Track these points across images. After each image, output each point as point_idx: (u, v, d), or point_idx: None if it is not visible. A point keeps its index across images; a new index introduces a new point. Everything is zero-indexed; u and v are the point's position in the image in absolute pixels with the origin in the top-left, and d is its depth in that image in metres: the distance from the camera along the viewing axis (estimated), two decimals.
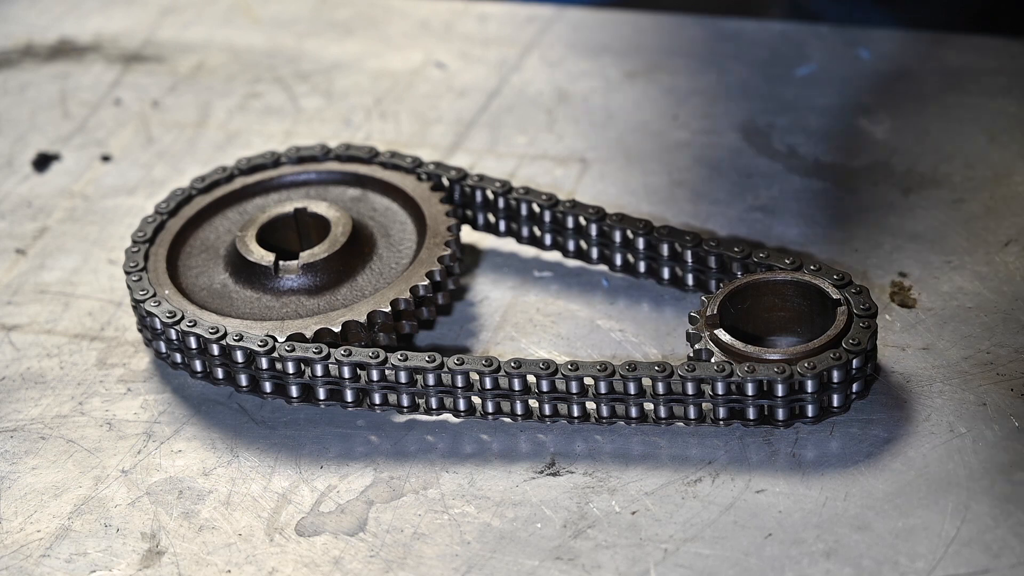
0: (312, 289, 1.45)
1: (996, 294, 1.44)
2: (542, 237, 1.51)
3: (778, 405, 1.32)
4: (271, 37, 1.65)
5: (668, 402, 1.34)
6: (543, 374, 1.34)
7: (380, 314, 1.41)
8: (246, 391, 1.40)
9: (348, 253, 1.47)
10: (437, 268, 1.44)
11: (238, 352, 1.39)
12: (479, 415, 1.37)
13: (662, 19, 1.88)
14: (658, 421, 1.35)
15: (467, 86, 1.78)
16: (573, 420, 1.36)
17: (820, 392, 1.32)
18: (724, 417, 1.33)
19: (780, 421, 1.33)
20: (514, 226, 1.53)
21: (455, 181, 1.53)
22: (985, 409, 1.34)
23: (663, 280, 1.47)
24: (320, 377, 1.38)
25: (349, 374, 1.37)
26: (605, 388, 1.34)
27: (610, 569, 1.26)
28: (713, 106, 1.72)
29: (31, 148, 1.74)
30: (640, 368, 1.33)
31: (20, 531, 1.33)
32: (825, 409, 1.34)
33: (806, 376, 1.32)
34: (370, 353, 1.37)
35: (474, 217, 1.54)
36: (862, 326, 1.34)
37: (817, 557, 1.25)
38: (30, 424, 1.42)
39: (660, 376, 1.33)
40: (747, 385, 1.32)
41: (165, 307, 1.42)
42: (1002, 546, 1.24)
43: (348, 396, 1.38)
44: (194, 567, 1.29)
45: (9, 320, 1.52)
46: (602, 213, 1.48)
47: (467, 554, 1.28)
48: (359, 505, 1.32)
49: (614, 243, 1.48)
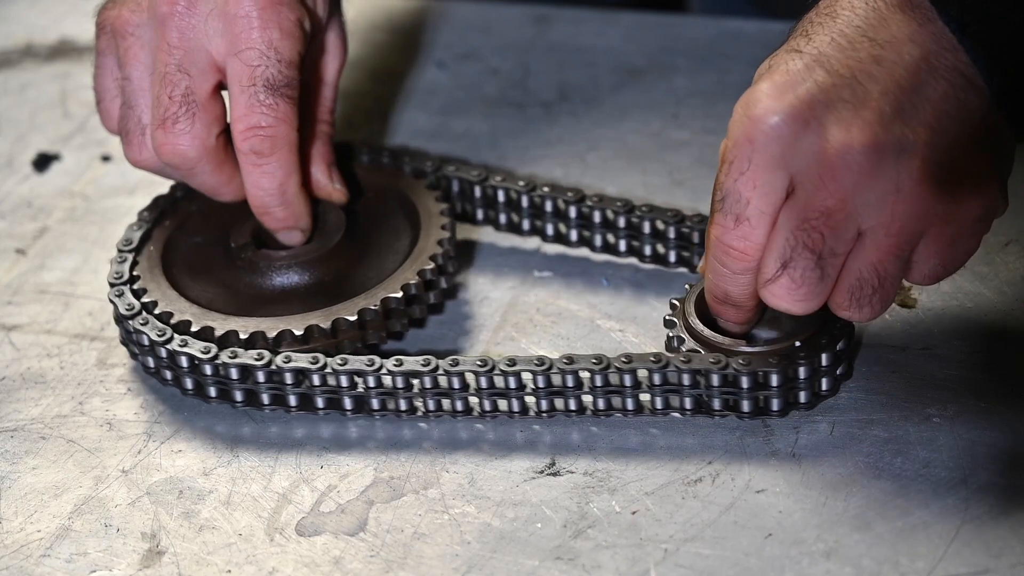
0: (307, 286, 1.45)
1: (996, 294, 1.44)
2: (568, 234, 1.52)
3: (742, 397, 1.34)
4: None
5: (607, 394, 1.35)
6: (539, 371, 1.34)
7: (370, 311, 1.41)
8: (192, 395, 1.42)
9: (341, 249, 1.47)
10: (429, 267, 1.44)
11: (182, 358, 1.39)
12: (476, 414, 1.37)
13: (662, 19, 1.88)
14: (597, 413, 1.36)
15: (467, 86, 1.78)
16: (570, 414, 1.36)
17: (756, 389, 1.33)
18: (690, 408, 1.35)
19: (745, 413, 1.34)
20: (538, 223, 1.53)
21: (478, 183, 1.53)
22: (985, 409, 1.34)
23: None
24: (263, 383, 1.39)
25: (292, 380, 1.38)
26: (600, 381, 1.34)
27: (610, 569, 1.26)
28: (713, 106, 1.72)
29: (31, 148, 1.74)
30: (578, 361, 1.34)
31: (20, 531, 1.33)
32: (791, 404, 1.34)
33: (741, 372, 1.32)
34: (367, 361, 1.37)
35: (496, 216, 1.54)
36: (835, 330, 1.34)
37: (817, 557, 1.25)
38: (30, 424, 1.42)
39: (597, 368, 1.33)
40: (683, 375, 1.33)
41: (128, 298, 1.43)
42: (1002, 546, 1.24)
43: (291, 401, 1.39)
44: (194, 567, 1.29)
45: (9, 320, 1.52)
46: (630, 205, 1.48)
47: (467, 554, 1.28)
48: (359, 505, 1.32)
49: (643, 234, 1.50)
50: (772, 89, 1.24)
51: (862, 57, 1.24)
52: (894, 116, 1.23)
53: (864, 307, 1.28)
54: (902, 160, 1.22)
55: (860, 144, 1.22)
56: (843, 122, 1.22)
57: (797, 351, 1.33)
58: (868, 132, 1.22)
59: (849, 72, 1.23)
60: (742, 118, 1.25)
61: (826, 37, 1.25)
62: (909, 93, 1.23)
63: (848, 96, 1.23)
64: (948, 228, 1.25)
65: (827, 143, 1.22)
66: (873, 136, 1.22)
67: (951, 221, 1.24)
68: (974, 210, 1.25)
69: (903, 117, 1.23)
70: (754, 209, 1.25)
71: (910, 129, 1.23)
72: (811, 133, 1.23)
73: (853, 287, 1.27)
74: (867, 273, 1.26)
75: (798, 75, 1.24)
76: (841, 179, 1.23)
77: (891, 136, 1.22)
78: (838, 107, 1.23)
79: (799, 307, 1.27)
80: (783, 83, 1.24)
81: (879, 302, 1.28)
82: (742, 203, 1.25)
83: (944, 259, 1.27)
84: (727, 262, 1.28)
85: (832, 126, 1.22)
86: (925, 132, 1.23)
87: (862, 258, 1.26)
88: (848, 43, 1.24)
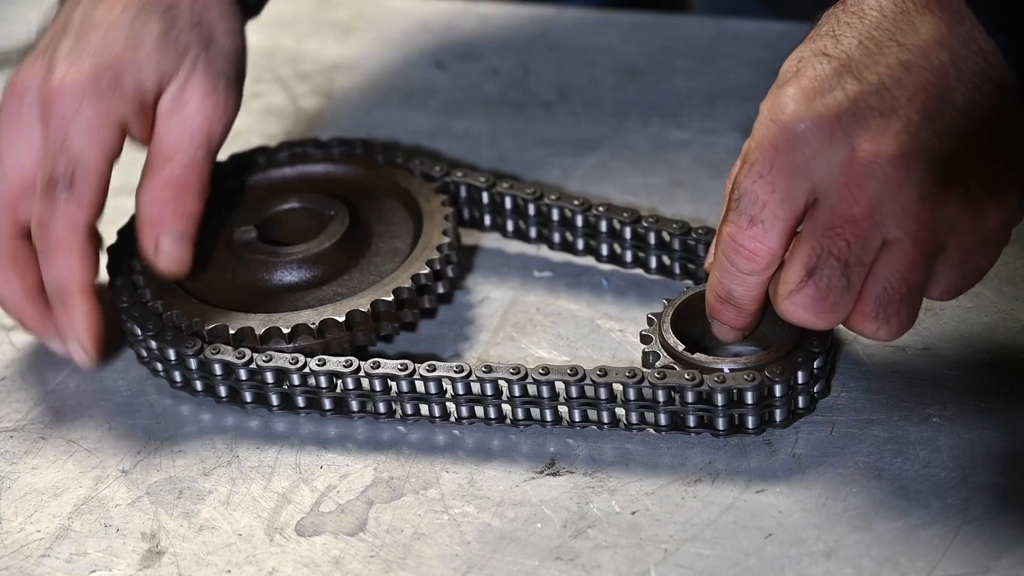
0: (307, 283, 1.45)
1: (996, 294, 1.44)
2: (598, 246, 1.50)
3: (717, 415, 1.33)
4: (271, 37, 1.66)
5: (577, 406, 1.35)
6: (513, 380, 1.34)
7: (359, 313, 1.41)
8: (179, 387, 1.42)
9: (342, 248, 1.47)
10: (424, 271, 1.44)
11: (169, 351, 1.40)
12: (481, 420, 1.37)
13: (662, 19, 1.88)
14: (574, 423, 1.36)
15: (467, 86, 1.78)
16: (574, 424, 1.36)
17: (730, 406, 1.32)
18: (665, 425, 1.34)
19: (720, 431, 1.34)
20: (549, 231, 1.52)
21: (487, 188, 1.53)
22: (985, 409, 1.34)
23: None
24: (245, 381, 1.39)
25: (273, 379, 1.38)
26: (576, 392, 1.34)
27: (610, 569, 1.26)
28: (713, 106, 1.72)
29: None
30: (553, 371, 1.34)
31: (20, 531, 1.33)
32: (765, 421, 1.34)
33: (716, 389, 1.31)
34: (344, 362, 1.37)
35: (503, 224, 1.54)
36: (812, 348, 1.33)
37: (817, 557, 1.25)
38: (30, 424, 1.42)
39: (571, 380, 1.33)
40: (658, 391, 1.32)
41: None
42: (1002, 546, 1.24)
43: (273, 400, 1.40)
44: (194, 567, 1.29)
45: (9, 320, 1.52)
46: (637, 215, 1.47)
47: (467, 554, 1.28)
48: (359, 505, 1.32)
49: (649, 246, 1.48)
50: (799, 95, 1.23)
51: (891, 63, 1.23)
52: (921, 124, 1.22)
53: (892, 318, 1.26)
54: (928, 168, 1.22)
55: (888, 154, 1.21)
56: (871, 132, 1.22)
57: (774, 368, 1.32)
58: (896, 142, 1.22)
59: (878, 79, 1.23)
60: (767, 121, 1.24)
61: (854, 40, 1.24)
62: (936, 100, 1.22)
63: (876, 104, 1.22)
64: (970, 237, 1.24)
65: (854, 153, 1.22)
66: (900, 146, 1.22)
67: (973, 230, 1.24)
68: (995, 219, 1.24)
69: (930, 124, 1.22)
70: (769, 213, 1.24)
71: (937, 136, 1.22)
72: (838, 143, 1.22)
73: (880, 297, 1.25)
74: (894, 282, 1.25)
75: (827, 81, 1.23)
76: (867, 188, 1.22)
77: (918, 144, 1.22)
78: (866, 116, 1.22)
79: (823, 319, 1.26)
80: (811, 89, 1.23)
81: (906, 313, 1.26)
82: (758, 205, 1.25)
83: (964, 271, 1.26)
84: (735, 260, 1.28)
85: (859, 137, 1.22)
86: (951, 139, 1.22)
87: (889, 267, 1.24)
88: (876, 47, 1.24)
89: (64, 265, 1.39)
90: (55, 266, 1.39)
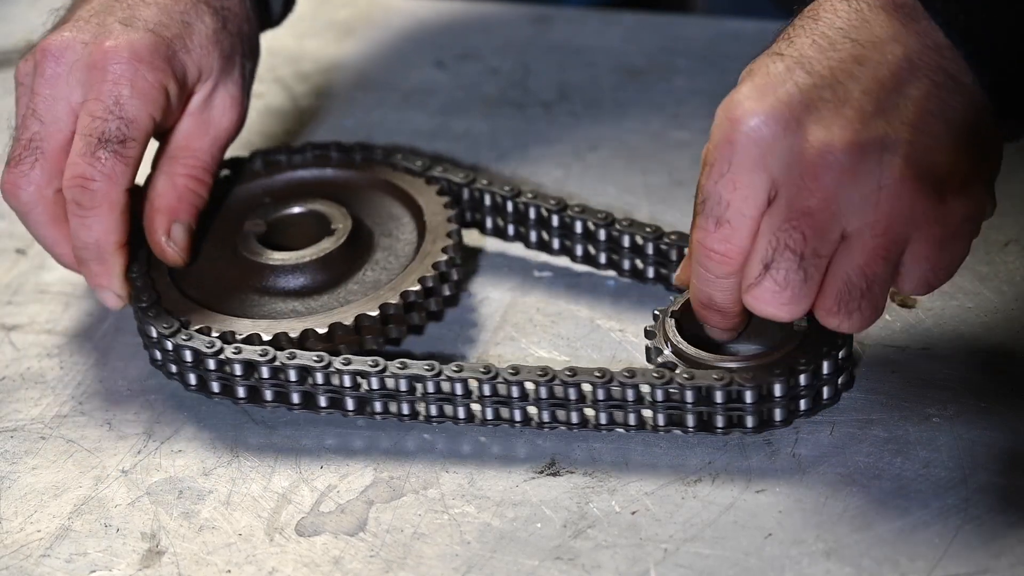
0: (311, 288, 1.45)
1: (996, 294, 1.44)
2: (620, 261, 1.50)
3: (717, 412, 1.33)
4: (271, 37, 1.65)
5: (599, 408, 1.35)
6: (542, 381, 1.34)
7: (367, 317, 1.41)
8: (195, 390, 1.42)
9: (346, 254, 1.46)
10: (431, 274, 1.44)
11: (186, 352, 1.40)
12: (478, 422, 1.37)
13: (662, 19, 1.88)
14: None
15: (467, 86, 1.78)
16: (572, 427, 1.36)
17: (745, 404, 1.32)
18: (663, 424, 1.34)
19: (719, 428, 1.34)
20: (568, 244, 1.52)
21: (508, 197, 1.52)
22: (985, 409, 1.34)
23: None
24: (267, 379, 1.39)
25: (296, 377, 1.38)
26: (603, 395, 1.34)
27: (610, 569, 1.26)
28: (713, 106, 1.71)
29: None
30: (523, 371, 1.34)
31: (20, 531, 1.33)
32: (765, 421, 1.33)
33: (715, 388, 1.31)
34: (315, 357, 1.37)
35: (526, 234, 1.53)
36: (816, 352, 1.33)
37: (817, 557, 1.25)
38: (30, 424, 1.42)
39: (599, 382, 1.33)
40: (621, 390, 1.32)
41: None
42: (1002, 546, 1.24)
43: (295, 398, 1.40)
44: (194, 567, 1.29)
45: (9, 320, 1.52)
46: (659, 232, 1.46)
47: (467, 554, 1.28)
48: (359, 505, 1.32)
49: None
50: (752, 91, 1.24)
51: (843, 57, 1.24)
52: (876, 114, 1.22)
53: (853, 313, 1.26)
54: (884, 158, 1.22)
55: (841, 143, 1.22)
56: (824, 122, 1.22)
57: (775, 367, 1.32)
58: (849, 131, 1.22)
59: (830, 73, 1.23)
60: (723, 121, 1.25)
61: (807, 39, 1.25)
62: (891, 92, 1.23)
63: (829, 96, 1.23)
64: (935, 229, 1.24)
65: (808, 143, 1.22)
66: (854, 134, 1.22)
67: (937, 222, 1.24)
68: (960, 209, 1.24)
69: (885, 116, 1.22)
70: (734, 211, 1.25)
71: (892, 127, 1.22)
72: (792, 134, 1.22)
73: (841, 291, 1.25)
74: (854, 276, 1.25)
75: (779, 77, 1.24)
76: (822, 178, 1.22)
77: (873, 134, 1.22)
78: (819, 107, 1.23)
79: (784, 311, 1.26)
80: (763, 85, 1.24)
81: (868, 308, 1.26)
82: (722, 205, 1.25)
83: (934, 263, 1.26)
84: (709, 266, 1.28)
85: (813, 126, 1.22)
86: (908, 130, 1.22)
87: (848, 260, 1.25)
88: (829, 44, 1.24)
89: (104, 223, 1.41)
90: (93, 224, 1.41)
